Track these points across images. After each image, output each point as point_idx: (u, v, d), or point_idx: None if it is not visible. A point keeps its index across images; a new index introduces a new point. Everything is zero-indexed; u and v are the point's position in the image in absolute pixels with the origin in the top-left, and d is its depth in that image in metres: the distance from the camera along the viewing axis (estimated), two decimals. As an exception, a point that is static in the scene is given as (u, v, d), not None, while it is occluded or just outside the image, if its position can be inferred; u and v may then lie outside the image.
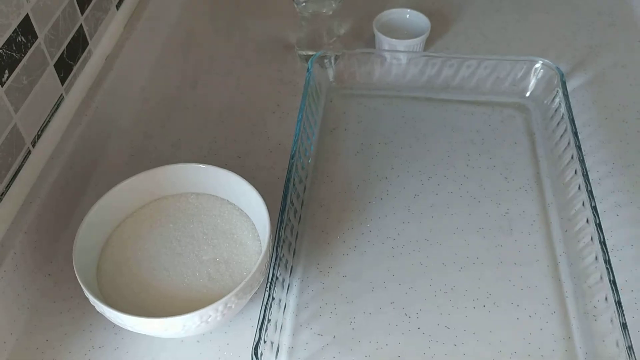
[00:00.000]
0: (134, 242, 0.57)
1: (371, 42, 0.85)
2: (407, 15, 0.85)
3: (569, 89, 0.77)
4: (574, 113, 0.72)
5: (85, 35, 0.73)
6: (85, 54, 0.73)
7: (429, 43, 0.85)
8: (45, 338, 0.57)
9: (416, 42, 0.81)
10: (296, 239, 0.63)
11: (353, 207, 0.67)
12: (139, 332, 0.51)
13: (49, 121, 0.65)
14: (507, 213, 0.66)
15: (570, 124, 0.67)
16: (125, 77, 0.78)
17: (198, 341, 0.57)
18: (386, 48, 0.82)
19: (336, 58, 0.79)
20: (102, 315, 0.52)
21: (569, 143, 0.66)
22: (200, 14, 0.93)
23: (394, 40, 0.81)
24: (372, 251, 0.63)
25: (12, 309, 0.56)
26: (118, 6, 0.80)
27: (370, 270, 0.61)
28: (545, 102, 0.74)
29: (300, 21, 0.82)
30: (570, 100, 0.75)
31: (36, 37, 0.62)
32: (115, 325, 0.57)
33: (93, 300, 0.51)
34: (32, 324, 0.58)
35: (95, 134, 0.72)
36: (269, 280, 0.54)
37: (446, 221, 0.65)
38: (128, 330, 0.57)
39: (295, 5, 0.80)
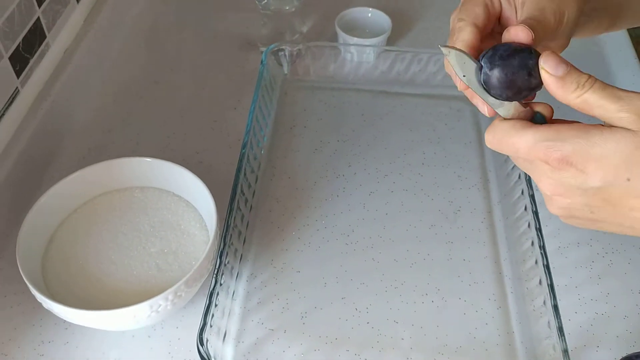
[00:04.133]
0: (80, 237, 0.57)
1: (334, 40, 0.86)
2: (369, 14, 0.86)
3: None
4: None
5: (42, 28, 0.72)
6: (42, 47, 0.72)
7: (390, 43, 0.86)
8: (-6, 333, 0.57)
9: (377, 42, 0.82)
10: (247, 227, 0.63)
11: (309, 204, 0.68)
12: (90, 326, 0.52)
13: (2, 115, 0.65)
14: (459, 210, 0.67)
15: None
16: (84, 70, 0.78)
17: (149, 336, 0.57)
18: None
19: (293, 52, 0.79)
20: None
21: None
22: (163, 8, 0.93)
23: (355, 38, 0.82)
24: (326, 247, 0.64)
25: (-40, 304, 0.56)
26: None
27: (323, 266, 0.62)
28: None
29: (263, 18, 0.83)
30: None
31: (-11, 30, 0.61)
32: (65, 321, 0.57)
33: (39, 296, 0.51)
34: (-19, 319, 0.57)
35: (52, 128, 0.71)
36: (216, 266, 0.54)
37: (400, 218, 0.66)
38: (78, 325, 0.56)
39: (257, 2, 0.81)
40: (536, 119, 0.39)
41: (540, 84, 0.38)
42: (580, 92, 0.37)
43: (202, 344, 0.50)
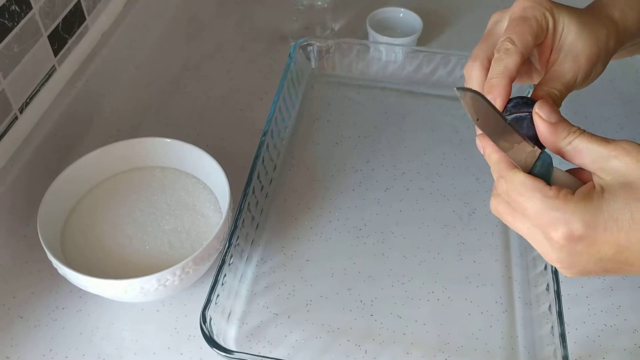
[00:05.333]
0: (100, 210, 0.60)
1: (364, 39, 0.87)
2: (401, 14, 0.86)
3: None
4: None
5: (83, 11, 0.75)
6: (81, 28, 0.75)
7: (420, 44, 0.86)
8: (12, 296, 0.59)
9: (407, 41, 0.82)
10: (261, 213, 0.65)
11: (324, 195, 0.69)
12: (100, 294, 0.54)
13: (38, 90, 0.68)
14: (473, 213, 0.67)
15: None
16: (119, 55, 0.81)
17: (157, 310, 0.59)
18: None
19: (322, 48, 0.80)
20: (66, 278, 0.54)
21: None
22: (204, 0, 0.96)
23: (386, 38, 0.82)
24: (337, 239, 0.64)
25: (-16, 265, 0.59)
26: (119, -15, 0.83)
27: (333, 256, 0.63)
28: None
29: (295, 13, 0.84)
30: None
31: (30, 8, 0.64)
32: (80, 289, 0.59)
33: (55, 262, 0.53)
34: (1, 281, 0.60)
35: (84, 107, 0.74)
36: (226, 247, 0.56)
37: (413, 216, 0.67)
38: (92, 295, 0.59)
39: (291, -3, 0.82)
40: (543, 157, 0.39)
41: None
42: (571, 139, 0.38)
43: (204, 321, 0.52)
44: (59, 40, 0.71)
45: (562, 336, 0.51)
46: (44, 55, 0.68)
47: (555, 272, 0.55)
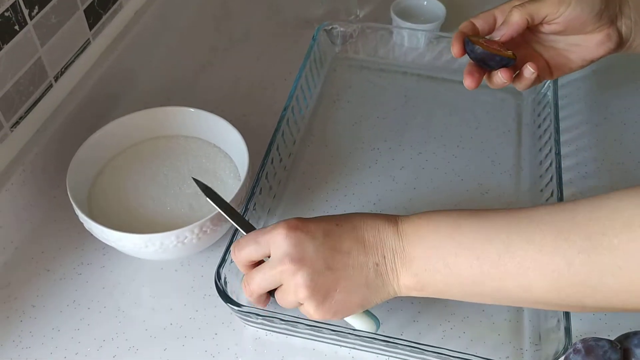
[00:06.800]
0: (125, 173, 0.63)
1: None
2: (425, 2, 0.88)
3: (565, 79, 0.79)
4: (561, 105, 0.74)
5: (118, -12, 0.78)
6: (115, 5, 0.79)
7: (445, 32, 0.88)
8: (41, 250, 0.63)
9: (430, 27, 0.84)
10: (278, 184, 0.67)
11: (341, 171, 0.70)
12: (122, 248, 0.56)
13: (73, 61, 0.72)
14: (487, 193, 0.68)
15: (555, 119, 0.69)
16: (151, 33, 0.84)
17: (175, 270, 0.61)
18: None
19: (346, 32, 0.82)
20: (93, 235, 0.57)
21: (550, 136, 0.68)
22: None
23: (409, 23, 0.84)
24: (352, 212, 0.66)
25: (16, 220, 0.62)
26: (153, -34, 0.86)
27: (346, 228, 0.65)
28: (537, 90, 0.76)
29: (322, -2, 0.86)
30: (562, 92, 0.77)
31: (69, -19, 0.68)
32: (104, 247, 0.62)
33: (82, 216, 0.56)
34: (31, 237, 0.64)
35: (115, 80, 0.77)
36: (243, 211, 0.58)
37: (427, 194, 0.68)
38: (115, 252, 0.62)
39: (318, -18, 0.85)
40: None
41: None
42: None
43: (219, 278, 0.54)
44: (94, 14, 0.74)
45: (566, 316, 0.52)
46: (80, 28, 0.72)
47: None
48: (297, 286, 0.45)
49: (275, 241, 0.46)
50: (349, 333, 0.51)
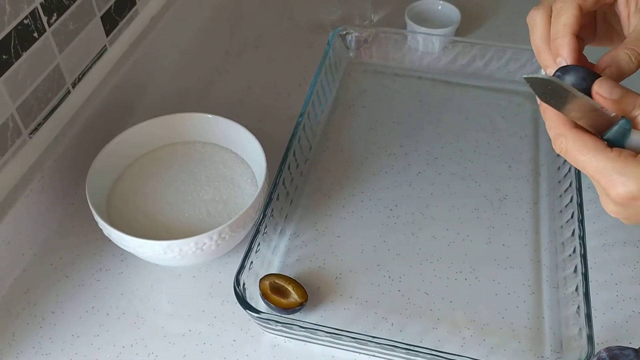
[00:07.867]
0: (143, 179, 0.63)
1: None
2: (439, 7, 0.88)
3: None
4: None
5: (134, -5, 0.79)
6: (132, 12, 0.79)
7: (459, 36, 0.88)
8: (59, 256, 0.63)
9: (444, 32, 0.84)
10: (295, 190, 0.67)
11: (357, 176, 0.70)
12: (141, 255, 0.57)
13: (90, 67, 0.72)
14: (505, 198, 0.68)
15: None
16: (166, 39, 0.84)
17: (194, 276, 0.61)
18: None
19: (360, 37, 0.82)
20: (111, 241, 0.57)
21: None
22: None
23: (423, 28, 0.84)
24: (368, 218, 0.66)
25: (34, 226, 0.63)
26: (168, -27, 0.86)
27: (363, 234, 0.64)
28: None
29: (335, 3, 0.86)
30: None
31: (86, -11, 0.68)
32: (122, 253, 0.63)
33: (101, 223, 0.56)
34: (49, 243, 0.64)
35: (131, 85, 0.78)
36: (260, 217, 0.58)
37: (444, 199, 0.68)
38: (133, 258, 0.62)
39: (331, -14, 0.85)
40: (622, 123, 0.38)
41: None
42: (637, 112, 0.37)
43: (238, 284, 0.54)
44: (110, 21, 0.74)
45: (588, 316, 0.52)
46: (97, 34, 0.72)
47: (583, 256, 0.56)
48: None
49: None
50: (369, 340, 0.50)
